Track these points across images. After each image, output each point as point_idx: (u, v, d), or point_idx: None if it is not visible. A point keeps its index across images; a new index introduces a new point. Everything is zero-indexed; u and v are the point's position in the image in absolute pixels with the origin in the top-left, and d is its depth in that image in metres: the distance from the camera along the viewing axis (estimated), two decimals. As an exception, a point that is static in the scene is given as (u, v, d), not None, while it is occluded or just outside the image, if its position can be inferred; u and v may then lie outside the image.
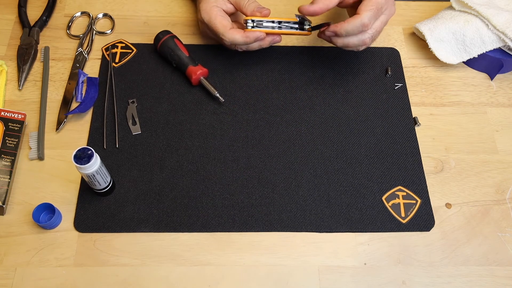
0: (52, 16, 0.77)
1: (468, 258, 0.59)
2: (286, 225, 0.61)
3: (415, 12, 0.81)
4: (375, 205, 0.62)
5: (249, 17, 0.66)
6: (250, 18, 0.66)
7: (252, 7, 0.67)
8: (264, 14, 0.66)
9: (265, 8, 0.66)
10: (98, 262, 0.58)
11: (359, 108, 0.70)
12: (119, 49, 0.74)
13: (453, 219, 0.62)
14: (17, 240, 0.59)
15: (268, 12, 0.66)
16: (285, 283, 0.57)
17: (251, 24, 0.66)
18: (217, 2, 0.68)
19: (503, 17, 0.69)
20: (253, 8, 0.66)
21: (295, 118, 0.69)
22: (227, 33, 0.66)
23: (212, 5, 0.67)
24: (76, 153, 0.53)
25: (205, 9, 0.68)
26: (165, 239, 0.60)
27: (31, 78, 0.71)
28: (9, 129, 0.64)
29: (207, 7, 0.68)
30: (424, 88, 0.73)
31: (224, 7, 0.68)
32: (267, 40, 0.68)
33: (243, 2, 0.67)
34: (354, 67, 0.74)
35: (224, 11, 0.68)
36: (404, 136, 0.68)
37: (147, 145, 0.66)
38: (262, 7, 0.67)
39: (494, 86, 0.73)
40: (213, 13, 0.67)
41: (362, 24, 0.61)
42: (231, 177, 0.64)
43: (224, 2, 0.68)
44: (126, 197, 0.62)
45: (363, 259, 0.59)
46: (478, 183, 0.65)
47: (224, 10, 0.69)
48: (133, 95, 0.70)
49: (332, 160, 0.65)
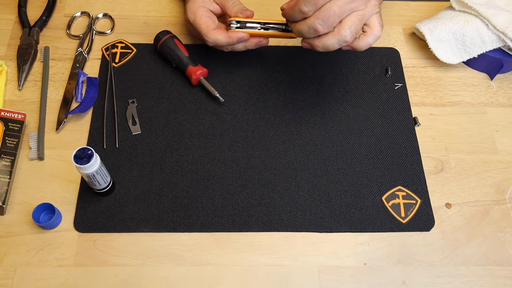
0: (52, 16, 0.77)
1: (468, 258, 0.59)
2: (286, 225, 0.61)
3: (415, 12, 0.81)
4: (375, 205, 0.62)
5: (234, 18, 0.66)
6: (234, 19, 0.66)
7: (236, 8, 0.66)
8: (247, 15, 0.66)
9: (248, 10, 0.66)
10: (98, 262, 0.58)
11: (359, 108, 0.70)
12: (119, 49, 0.74)
13: (453, 219, 0.62)
14: (17, 240, 0.59)
15: (251, 13, 0.66)
16: (285, 283, 0.57)
17: (235, 25, 0.66)
18: (204, 2, 0.68)
19: (503, 17, 0.69)
20: (237, 9, 0.66)
21: (295, 118, 0.69)
22: (210, 34, 0.66)
23: (199, 5, 0.68)
24: (76, 153, 0.53)
25: (191, 9, 0.68)
26: (165, 239, 0.60)
27: (31, 78, 0.71)
28: (9, 129, 0.64)
29: (193, 7, 0.68)
30: (424, 88, 0.73)
31: (210, 7, 0.68)
32: (253, 41, 0.68)
33: (228, 4, 0.67)
34: (354, 67, 0.74)
35: (211, 11, 0.69)
36: (404, 136, 0.68)
37: (147, 145, 0.66)
38: (245, 9, 0.66)
39: (494, 86, 0.73)
40: (199, 13, 0.67)
41: (300, 10, 0.56)
42: (231, 177, 0.64)
43: (211, 2, 0.68)
44: (126, 197, 0.62)
45: (363, 259, 0.59)
46: (478, 183, 0.65)
47: (211, 10, 0.69)
48: (133, 95, 0.70)
49: (332, 160, 0.65)
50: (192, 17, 0.67)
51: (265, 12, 0.79)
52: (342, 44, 0.58)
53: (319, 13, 0.55)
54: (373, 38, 0.60)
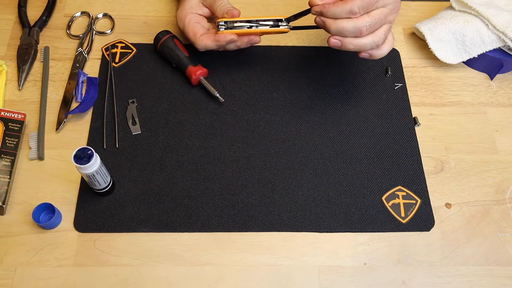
0: (52, 16, 0.77)
1: (468, 258, 0.59)
2: (286, 225, 0.61)
3: (415, 12, 0.81)
4: (375, 205, 0.62)
5: (221, 19, 0.65)
6: (221, 20, 0.65)
7: (223, 9, 0.65)
8: (233, 14, 0.64)
9: (234, 9, 0.65)
10: (98, 262, 0.58)
11: (359, 108, 0.70)
12: (119, 49, 0.74)
13: (453, 219, 0.62)
14: (17, 240, 0.59)
15: (238, 12, 0.65)
16: (285, 283, 0.57)
17: (223, 26, 0.65)
18: (192, 8, 0.68)
19: (503, 17, 0.69)
20: (224, 10, 0.65)
21: (295, 118, 0.69)
22: (198, 40, 0.66)
23: (187, 12, 0.68)
24: (76, 153, 0.53)
25: (180, 17, 0.68)
26: (165, 239, 0.60)
27: (31, 78, 0.71)
28: (9, 129, 0.64)
29: (182, 14, 0.68)
30: (424, 88, 0.73)
31: (199, 11, 0.68)
32: (243, 40, 0.66)
33: (215, 5, 0.67)
34: (354, 67, 0.74)
35: (200, 15, 0.68)
36: (404, 136, 0.68)
37: (147, 145, 0.66)
38: (232, 8, 0.65)
39: (494, 86, 0.73)
40: (186, 20, 0.67)
41: (351, 11, 0.57)
42: (231, 177, 0.64)
43: (199, 7, 0.68)
44: (126, 197, 0.62)
45: (363, 259, 0.59)
46: (478, 183, 0.65)
47: (201, 14, 0.69)
48: (133, 95, 0.70)
49: (332, 160, 0.65)
50: (181, 24, 0.68)
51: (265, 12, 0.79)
52: (373, 47, 0.60)
53: (368, 17, 0.57)
54: (388, 48, 0.62)
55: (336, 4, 0.57)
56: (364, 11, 0.57)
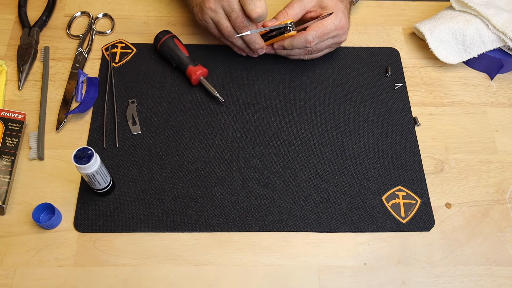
0: (52, 16, 0.77)
1: (468, 258, 0.59)
2: (286, 225, 0.61)
3: (415, 12, 0.81)
4: (375, 205, 0.62)
5: (287, 21, 0.66)
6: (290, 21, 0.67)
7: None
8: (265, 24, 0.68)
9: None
10: (98, 262, 0.58)
11: (359, 108, 0.70)
12: (119, 49, 0.74)
13: (453, 219, 0.62)
14: (17, 240, 0.59)
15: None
16: (285, 283, 0.57)
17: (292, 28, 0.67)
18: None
19: (503, 17, 0.69)
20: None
21: (295, 118, 0.69)
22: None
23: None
24: (76, 153, 0.53)
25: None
26: (165, 239, 0.60)
27: (31, 78, 0.71)
28: (9, 129, 0.64)
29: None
30: (424, 88, 0.73)
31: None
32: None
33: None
34: (354, 67, 0.74)
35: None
36: (404, 136, 0.68)
37: (147, 145, 0.66)
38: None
39: (494, 86, 0.73)
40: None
41: (306, 40, 0.67)
42: (231, 177, 0.64)
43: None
44: (126, 197, 0.62)
45: (363, 259, 0.59)
46: (478, 183, 0.65)
47: None
48: (133, 95, 0.70)
49: (332, 160, 0.65)
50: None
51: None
52: (300, 56, 0.71)
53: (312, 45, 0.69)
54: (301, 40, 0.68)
55: (294, 37, 0.67)
56: (318, 40, 0.67)
